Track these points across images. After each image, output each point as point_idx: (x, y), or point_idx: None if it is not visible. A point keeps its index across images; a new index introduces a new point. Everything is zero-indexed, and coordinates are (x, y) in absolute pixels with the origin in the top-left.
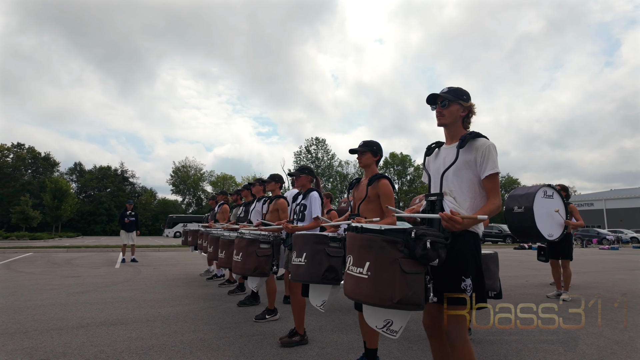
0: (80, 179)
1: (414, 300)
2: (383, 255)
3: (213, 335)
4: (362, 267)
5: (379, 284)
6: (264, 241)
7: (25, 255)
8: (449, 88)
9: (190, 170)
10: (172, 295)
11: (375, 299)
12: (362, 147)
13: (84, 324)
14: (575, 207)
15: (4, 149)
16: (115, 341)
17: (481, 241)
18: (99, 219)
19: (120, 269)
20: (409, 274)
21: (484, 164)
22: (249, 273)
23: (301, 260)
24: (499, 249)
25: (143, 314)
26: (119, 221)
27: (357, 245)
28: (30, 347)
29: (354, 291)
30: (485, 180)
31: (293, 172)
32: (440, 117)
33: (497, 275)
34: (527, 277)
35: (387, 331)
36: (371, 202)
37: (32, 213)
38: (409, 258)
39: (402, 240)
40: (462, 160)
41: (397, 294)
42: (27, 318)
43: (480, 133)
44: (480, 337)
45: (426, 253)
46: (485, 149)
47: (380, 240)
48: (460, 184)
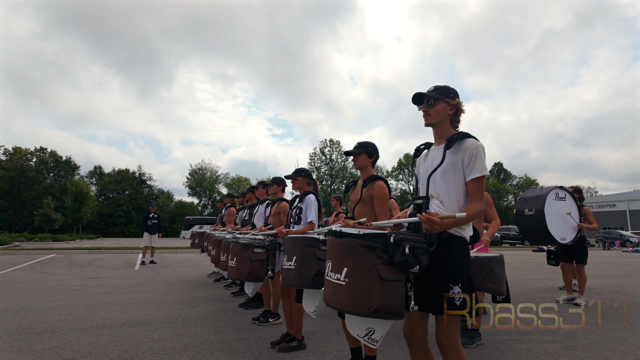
0: (99, 182)
1: (393, 309)
2: (361, 261)
3: (232, 337)
4: (340, 274)
5: (357, 291)
6: (258, 245)
7: (48, 256)
8: (435, 86)
9: (206, 172)
10: (190, 297)
11: (352, 307)
12: (356, 149)
13: (108, 324)
14: (589, 210)
15: (28, 153)
16: (138, 342)
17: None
18: (118, 221)
19: (139, 270)
20: (387, 281)
21: (471, 166)
22: (243, 278)
23: (291, 264)
24: (517, 251)
25: (163, 315)
26: (142, 223)
27: (336, 251)
28: (57, 346)
29: (332, 298)
30: (470, 182)
31: (289, 175)
32: (426, 117)
33: (503, 279)
34: (547, 280)
35: (369, 340)
36: (366, 205)
37: (54, 215)
38: (388, 264)
39: (381, 246)
40: (449, 162)
41: (374, 302)
42: (53, 318)
43: (469, 133)
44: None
45: (405, 259)
46: (473, 150)
47: (359, 245)
48: (448, 187)
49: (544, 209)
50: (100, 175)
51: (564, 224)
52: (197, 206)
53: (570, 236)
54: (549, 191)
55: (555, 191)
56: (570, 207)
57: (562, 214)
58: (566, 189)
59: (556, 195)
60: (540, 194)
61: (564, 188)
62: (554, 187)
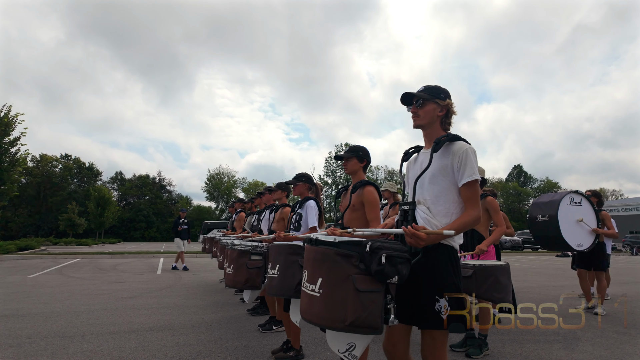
0: (120, 188)
1: (369, 323)
2: (336, 271)
3: (256, 343)
4: (315, 284)
5: (331, 304)
6: (255, 253)
7: (74, 260)
8: (425, 86)
9: (223, 177)
10: (213, 302)
11: (326, 320)
12: (347, 153)
13: (135, 328)
14: (607, 215)
15: (53, 159)
16: (165, 346)
17: (459, 253)
18: (138, 226)
19: (161, 275)
20: (363, 293)
21: (461, 170)
22: (240, 286)
23: (274, 272)
24: (539, 256)
25: (188, 320)
26: (172, 229)
27: (311, 259)
28: (88, 350)
29: (306, 311)
30: (463, 188)
31: (290, 181)
32: (415, 118)
33: (509, 288)
34: (573, 287)
35: (349, 356)
36: (356, 211)
37: (78, 220)
38: (365, 274)
39: (357, 255)
40: (437, 166)
41: (349, 315)
42: (83, 322)
43: (459, 136)
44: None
45: (382, 269)
46: (462, 153)
47: (334, 253)
48: (436, 192)
49: (558, 215)
50: (122, 181)
51: (580, 229)
52: (215, 210)
53: (587, 242)
54: (563, 196)
55: (570, 196)
56: (584, 213)
57: (577, 220)
58: (582, 194)
59: (571, 200)
60: (554, 199)
61: (580, 192)
62: (569, 192)
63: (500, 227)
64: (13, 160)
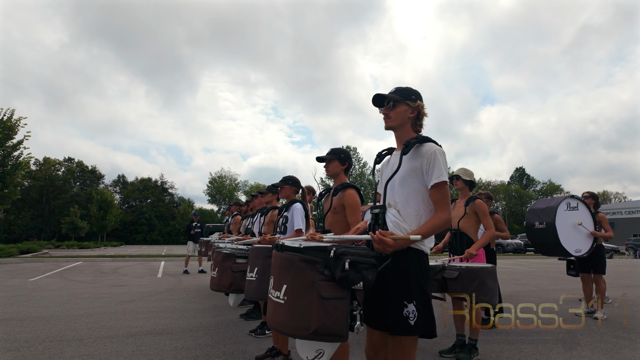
0: (123, 191)
1: (334, 330)
2: (300, 278)
3: (254, 347)
4: (280, 291)
5: (295, 311)
6: (240, 256)
7: (75, 264)
8: (397, 88)
9: (225, 180)
10: (212, 306)
11: (290, 328)
12: (329, 155)
13: (133, 332)
14: (604, 217)
15: (56, 163)
16: (162, 350)
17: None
18: (140, 229)
19: (162, 278)
20: (327, 300)
21: (430, 172)
22: (224, 289)
23: (252, 275)
24: (542, 259)
25: (186, 324)
26: (185, 233)
27: (277, 266)
28: (86, 354)
29: (271, 318)
30: (432, 190)
31: (277, 183)
32: (386, 120)
33: (495, 291)
34: (574, 290)
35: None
36: (337, 214)
37: (80, 223)
38: (329, 281)
39: (322, 261)
40: (406, 168)
41: (313, 323)
42: (81, 326)
43: (429, 137)
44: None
45: (346, 275)
46: (430, 155)
47: (298, 260)
48: (406, 195)
49: (555, 222)
50: (124, 184)
51: (578, 234)
52: (217, 213)
53: (585, 247)
54: (559, 202)
55: (566, 201)
56: (582, 217)
57: (575, 224)
58: (578, 198)
59: (567, 206)
60: (551, 205)
61: (576, 197)
62: (566, 197)
63: (489, 230)
64: (16, 163)
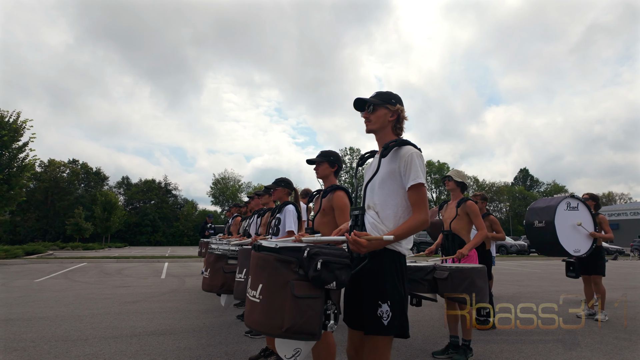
0: (127, 192)
1: (306, 329)
2: (275, 277)
3: (256, 347)
4: (256, 290)
5: (270, 310)
6: (232, 257)
7: (80, 265)
8: (377, 92)
9: (229, 181)
10: (215, 306)
11: (264, 326)
12: (318, 158)
13: (137, 332)
14: (604, 219)
15: (61, 164)
16: (165, 350)
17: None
18: (144, 230)
19: (165, 279)
20: (301, 299)
21: (407, 174)
22: (216, 290)
23: (241, 276)
24: (545, 260)
25: (189, 324)
26: (199, 233)
27: (254, 265)
28: (91, 353)
29: (247, 317)
30: (409, 192)
31: (269, 185)
32: (367, 123)
33: (485, 291)
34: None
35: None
36: (326, 215)
37: (85, 225)
38: (303, 280)
39: (296, 260)
40: (385, 171)
41: (286, 322)
42: (86, 326)
43: (408, 140)
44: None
45: (318, 274)
46: (408, 157)
47: (274, 260)
48: (385, 197)
49: (554, 221)
50: (128, 186)
51: (577, 235)
52: (221, 215)
53: (584, 248)
54: (559, 201)
55: (566, 201)
56: (581, 217)
57: (574, 224)
58: (578, 198)
59: (567, 205)
60: (550, 204)
61: (576, 197)
62: (565, 197)
63: (480, 231)
64: (21, 165)
